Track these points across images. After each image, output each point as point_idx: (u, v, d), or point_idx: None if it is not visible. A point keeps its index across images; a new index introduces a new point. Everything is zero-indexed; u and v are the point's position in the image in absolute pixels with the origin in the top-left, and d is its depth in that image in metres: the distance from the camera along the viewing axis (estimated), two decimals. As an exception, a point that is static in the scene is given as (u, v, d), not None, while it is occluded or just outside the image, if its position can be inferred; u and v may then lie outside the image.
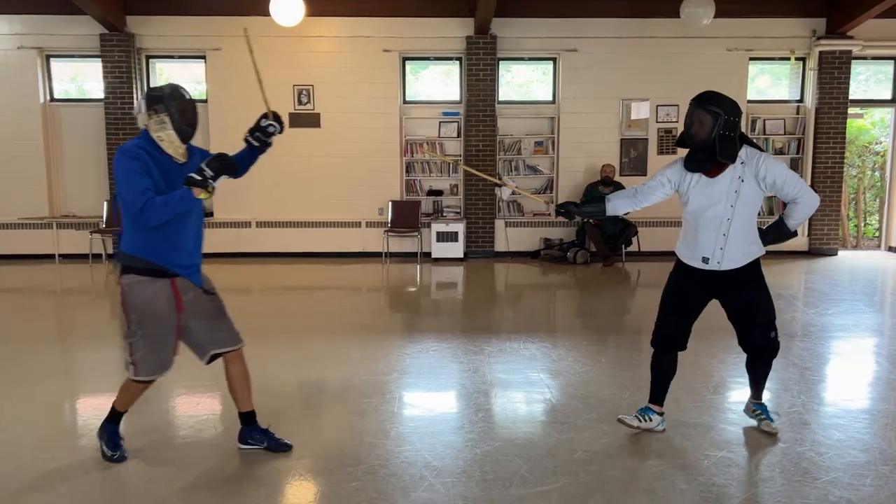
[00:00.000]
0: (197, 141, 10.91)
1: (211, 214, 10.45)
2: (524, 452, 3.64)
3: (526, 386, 4.72)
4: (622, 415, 3.94)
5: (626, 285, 8.97)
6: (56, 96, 10.50)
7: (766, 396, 4.64)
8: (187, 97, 3.39)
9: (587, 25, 10.28)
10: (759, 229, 3.71)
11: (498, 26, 10.16)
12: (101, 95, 10.20)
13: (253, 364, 5.17)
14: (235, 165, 3.26)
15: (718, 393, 4.58)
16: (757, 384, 3.96)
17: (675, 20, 9.41)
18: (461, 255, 10.25)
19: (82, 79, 10.86)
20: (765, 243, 3.71)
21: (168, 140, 3.32)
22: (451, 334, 6.12)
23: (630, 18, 10.23)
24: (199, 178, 3.12)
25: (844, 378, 5.05)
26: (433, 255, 10.22)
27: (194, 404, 4.46)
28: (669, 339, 3.81)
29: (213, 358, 3.55)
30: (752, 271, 3.67)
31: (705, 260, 3.64)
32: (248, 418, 3.68)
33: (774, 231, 3.75)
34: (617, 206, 3.89)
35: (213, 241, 10.35)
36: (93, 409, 4.32)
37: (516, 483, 3.30)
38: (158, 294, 3.31)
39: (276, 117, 3.68)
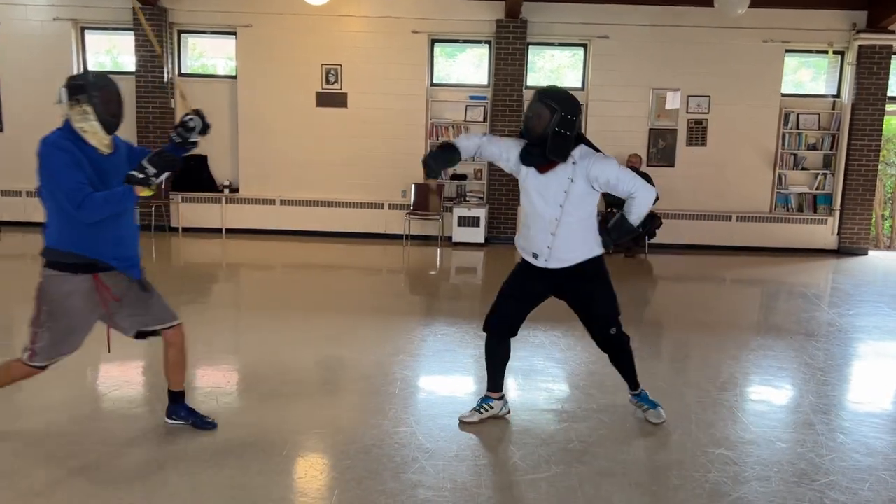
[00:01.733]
0: (224, 117, 11.11)
1: (237, 191, 10.56)
2: (519, 439, 3.64)
3: (530, 373, 4.71)
4: (461, 415, 3.83)
5: (648, 277, 8.87)
6: (90, 68, 10.64)
7: (781, 395, 4.59)
8: (112, 86, 3.25)
9: (620, 12, 10.11)
10: (604, 226, 3.66)
11: (529, 10, 10.04)
12: (134, 69, 10.31)
13: (266, 338, 5.28)
14: (178, 162, 3.18)
15: (725, 390, 4.52)
16: (626, 376, 3.91)
17: (710, 9, 9.18)
18: (482, 241, 10.22)
19: (117, 51, 10.99)
20: (610, 239, 3.65)
21: (91, 131, 3.17)
22: (463, 319, 6.12)
23: (663, 6, 10.02)
24: (141, 176, 3.06)
25: (858, 381, 4.96)
26: (454, 240, 10.21)
27: (200, 377, 4.52)
28: (502, 323, 3.76)
29: (142, 335, 3.48)
30: (589, 267, 3.61)
31: (535, 256, 3.62)
32: (176, 396, 3.68)
33: (617, 227, 3.66)
34: (467, 147, 3.64)
35: (237, 217, 10.52)
36: (107, 376, 4.41)
37: (507, 469, 3.31)
38: (76, 291, 3.21)
39: (199, 113, 3.47)
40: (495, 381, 3.87)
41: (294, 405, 4.03)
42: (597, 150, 3.56)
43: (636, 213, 3.57)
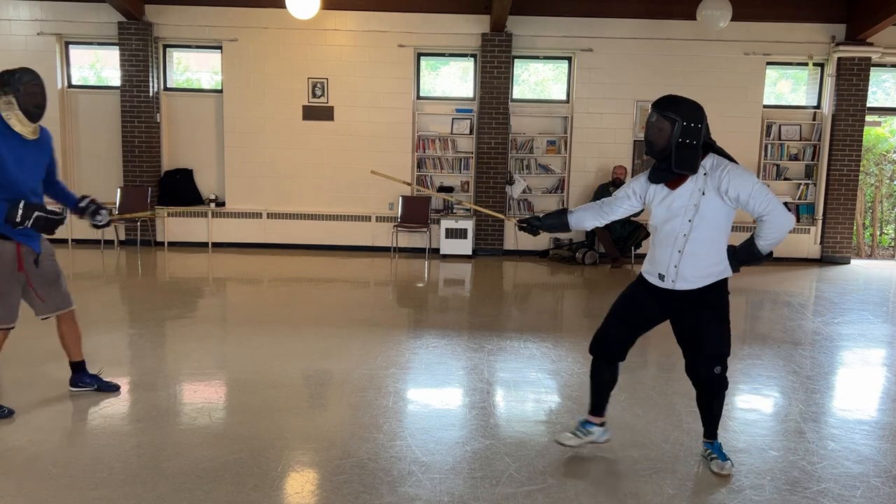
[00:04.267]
0: (211, 130, 11.22)
1: (223, 204, 10.53)
2: (514, 451, 3.64)
3: (523, 385, 4.72)
4: (559, 435, 3.69)
5: (634, 287, 8.92)
6: (74, 82, 10.60)
7: (770, 403, 4.63)
8: (35, 81, 3.72)
9: (603, 25, 10.23)
10: (731, 247, 3.41)
11: (513, 24, 10.13)
12: (119, 83, 10.28)
13: (255, 352, 5.25)
14: (53, 230, 3.71)
15: (715, 399, 4.54)
16: (707, 421, 3.56)
17: (692, 22, 9.34)
18: (469, 253, 10.25)
19: (101, 66, 10.95)
20: (734, 263, 3.40)
21: (16, 119, 3.67)
22: (454, 331, 6.13)
23: (646, 19, 10.16)
24: (18, 220, 3.59)
25: (845, 388, 5.01)
26: (441, 252, 10.23)
27: (191, 392, 4.50)
28: (607, 347, 3.56)
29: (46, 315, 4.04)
30: (712, 295, 3.37)
31: (661, 277, 3.39)
32: (78, 366, 4.26)
33: (744, 251, 3.38)
34: (582, 218, 3.67)
35: (224, 231, 10.48)
36: (97, 393, 4.36)
37: (503, 482, 3.31)
38: (4, 252, 3.73)
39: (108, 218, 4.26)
40: (597, 405, 3.67)
41: (287, 420, 4.02)
42: (731, 159, 3.32)
43: (766, 239, 3.28)
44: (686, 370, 3.49)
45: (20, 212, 3.58)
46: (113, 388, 4.28)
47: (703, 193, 3.25)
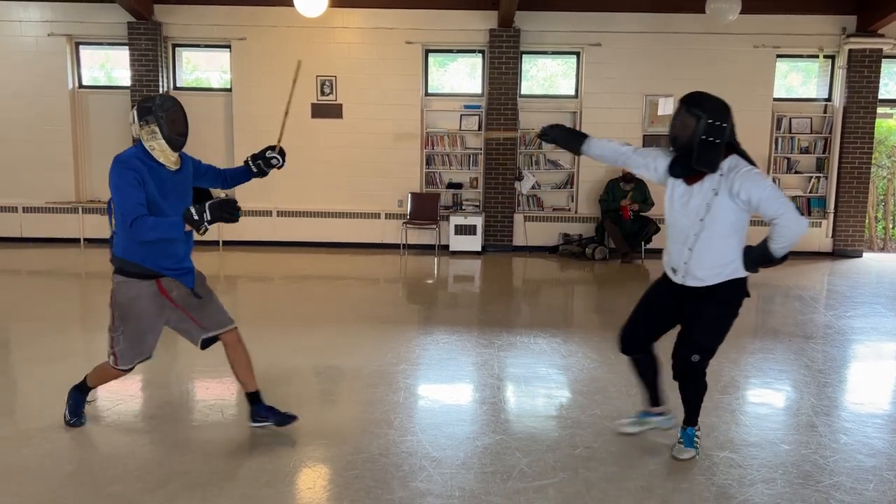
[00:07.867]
0: (220, 129, 11.24)
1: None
2: (525, 446, 3.65)
3: (533, 380, 4.73)
4: (618, 423, 3.85)
5: (644, 283, 8.87)
6: (84, 83, 10.66)
7: (782, 397, 4.62)
8: (176, 107, 3.47)
9: (611, 20, 10.19)
10: (747, 248, 3.36)
11: (521, 19, 10.11)
12: (129, 83, 10.33)
13: (266, 349, 5.27)
14: (236, 217, 3.27)
15: (727, 393, 4.54)
16: (688, 409, 3.60)
17: (701, 15, 9.27)
18: (479, 249, 10.24)
19: (111, 66, 11.01)
20: (748, 264, 3.35)
21: (160, 149, 3.41)
22: (464, 327, 6.14)
23: (655, 13, 10.11)
24: (196, 218, 3.22)
25: (857, 382, 4.99)
26: (451, 248, 10.22)
27: (204, 389, 4.53)
28: (636, 344, 3.64)
29: (207, 343, 3.72)
30: (721, 292, 3.36)
31: (674, 271, 3.45)
32: (254, 398, 3.79)
33: (757, 252, 3.32)
34: (600, 150, 3.64)
35: (234, 228, 10.48)
36: (110, 389, 4.40)
37: (514, 477, 3.32)
38: (142, 295, 3.47)
39: (282, 153, 3.85)
40: (652, 396, 3.77)
41: (299, 415, 4.03)
42: (751, 162, 3.29)
43: (777, 242, 3.21)
44: (672, 354, 3.53)
45: (195, 216, 3.20)
46: (291, 420, 3.76)
47: (717, 194, 3.25)
